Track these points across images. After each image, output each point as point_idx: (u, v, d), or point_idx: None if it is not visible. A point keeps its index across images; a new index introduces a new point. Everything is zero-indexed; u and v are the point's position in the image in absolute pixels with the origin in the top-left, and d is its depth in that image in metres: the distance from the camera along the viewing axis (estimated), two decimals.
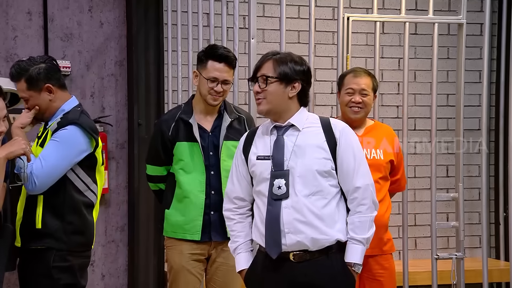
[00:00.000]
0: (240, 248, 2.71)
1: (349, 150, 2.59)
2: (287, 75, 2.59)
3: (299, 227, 2.53)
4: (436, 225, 3.98)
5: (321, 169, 2.56)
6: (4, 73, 4.39)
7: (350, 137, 2.63)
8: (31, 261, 2.75)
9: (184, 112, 3.24)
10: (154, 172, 3.32)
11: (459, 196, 3.99)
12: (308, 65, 2.67)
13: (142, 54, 4.49)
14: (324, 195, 2.56)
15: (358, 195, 2.58)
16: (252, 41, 3.73)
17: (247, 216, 2.71)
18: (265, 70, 2.62)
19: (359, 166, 2.60)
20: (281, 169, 2.56)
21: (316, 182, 2.55)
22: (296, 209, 2.54)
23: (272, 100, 2.59)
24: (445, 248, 4.97)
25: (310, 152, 2.57)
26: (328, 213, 2.55)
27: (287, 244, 2.54)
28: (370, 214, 2.59)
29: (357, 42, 4.81)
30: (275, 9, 4.78)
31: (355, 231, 2.57)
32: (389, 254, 3.44)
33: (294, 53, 2.71)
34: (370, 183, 2.62)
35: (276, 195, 2.55)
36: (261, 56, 2.68)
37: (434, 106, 3.99)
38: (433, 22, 4.00)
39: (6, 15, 4.40)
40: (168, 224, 3.25)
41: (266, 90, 2.59)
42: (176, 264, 3.24)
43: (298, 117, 2.62)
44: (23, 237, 2.77)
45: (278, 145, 2.60)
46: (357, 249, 2.57)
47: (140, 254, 4.47)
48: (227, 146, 3.21)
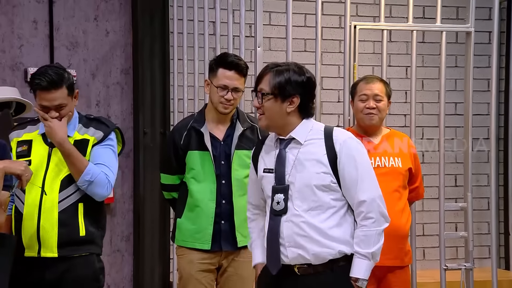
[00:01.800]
0: (255, 243, 2.74)
1: (350, 163, 2.53)
2: (283, 90, 2.52)
3: (299, 240, 2.53)
4: (444, 235, 3.98)
5: (320, 183, 2.53)
6: (10, 81, 4.44)
7: (352, 149, 2.56)
8: (75, 269, 2.84)
9: (196, 121, 3.26)
10: (167, 181, 3.35)
11: (468, 206, 3.99)
12: (309, 75, 2.58)
13: (148, 62, 4.52)
14: (324, 210, 2.54)
15: (364, 209, 2.52)
16: (258, 49, 3.75)
17: (261, 214, 2.74)
18: (263, 84, 2.56)
19: (363, 179, 2.53)
20: (282, 183, 2.56)
21: (315, 197, 2.53)
22: (295, 223, 2.54)
23: (270, 116, 2.57)
24: (453, 258, 4.97)
25: (309, 166, 2.54)
26: (329, 227, 2.53)
27: (289, 257, 2.55)
28: (376, 228, 2.52)
29: (364, 50, 4.83)
30: (282, 17, 4.81)
31: (360, 245, 2.53)
32: (407, 266, 3.44)
33: (300, 61, 2.68)
34: (377, 195, 2.54)
35: (275, 211, 2.56)
36: (263, 67, 2.65)
37: (442, 115, 4.00)
38: (441, 30, 4.01)
39: (12, 23, 4.46)
40: (180, 233, 3.28)
41: (264, 106, 2.57)
42: (186, 273, 3.26)
43: (300, 130, 2.57)
44: (63, 247, 2.83)
45: (280, 159, 2.59)
46: (362, 264, 2.53)
47: (146, 264, 4.49)
48: (239, 155, 3.23)
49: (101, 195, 2.90)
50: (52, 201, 2.83)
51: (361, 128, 3.42)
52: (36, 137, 2.91)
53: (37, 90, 2.82)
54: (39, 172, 2.84)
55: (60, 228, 2.83)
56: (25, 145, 2.89)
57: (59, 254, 2.83)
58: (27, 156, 2.86)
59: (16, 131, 2.95)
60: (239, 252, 3.25)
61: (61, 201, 2.84)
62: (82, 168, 2.83)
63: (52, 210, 2.82)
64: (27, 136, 2.92)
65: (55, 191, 2.83)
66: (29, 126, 2.96)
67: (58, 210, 2.83)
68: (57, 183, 2.84)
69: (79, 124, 2.94)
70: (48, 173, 2.85)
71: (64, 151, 2.82)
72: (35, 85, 2.81)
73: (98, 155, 2.90)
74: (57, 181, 2.84)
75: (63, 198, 2.84)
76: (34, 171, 2.80)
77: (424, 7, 5.01)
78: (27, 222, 2.84)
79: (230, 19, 3.97)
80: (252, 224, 2.78)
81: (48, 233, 2.82)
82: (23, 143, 2.90)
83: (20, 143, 2.90)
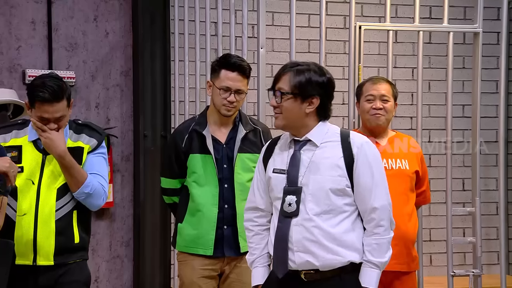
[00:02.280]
0: (257, 262, 2.68)
1: (366, 168, 2.52)
2: (304, 90, 2.51)
3: (308, 246, 2.50)
4: (452, 241, 3.95)
5: (335, 187, 2.51)
6: (7, 83, 4.41)
7: (368, 153, 2.54)
8: (70, 275, 2.87)
9: (198, 124, 3.23)
10: (168, 185, 3.32)
11: (476, 211, 3.95)
12: (329, 76, 2.57)
13: (148, 64, 4.49)
14: (336, 214, 2.51)
15: (376, 216, 2.51)
16: (261, 50, 3.72)
17: (265, 228, 2.68)
18: (282, 83, 2.55)
19: (377, 186, 2.52)
20: (295, 185, 2.53)
21: (329, 200, 2.51)
22: (306, 227, 2.50)
23: (288, 116, 2.54)
24: (461, 264, 4.93)
25: (324, 169, 2.52)
26: (340, 232, 2.50)
27: (296, 262, 2.51)
28: (387, 236, 2.52)
29: (369, 51, 4.80)
30: (285, 17, 4.77)
31: (373, 253, 2.51)
32: (414, 271, 3.40)
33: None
34: (388, 203, 2.54)
35: (286, 212, 2.52)
36: (282, 66, 2.62)
37: (449, 117, 3.96)
38: (448, 31, 3.98)
39: (9, 24, 4.42)
40: (181, 238, 3.25)
41: (282, 105, 2.55)
42: (188, 279, 3.22)
43: (316, 132, 2.55)
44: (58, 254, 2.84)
45: (294, 161, 2.55)
46: (373, 274, 2.50)
47: (146, 270, 4.46)
48: (242, 158, 3.20)
49: (97, 206, 2.91)
50: (50, 210, 2.81)
51: (367, 130, 3.38)
52: (26, 143, 2.87)
53: (38, 102, 2.78)
54: (33, 179, 2.81)
55: (57, 237, 2.82)
56: (15, 151, 2.84)
57: (55, 262, 2.82)
58: (18, 162, 2.81)
59: (1, 135, 2.88)
60: (242, 258, 3.20)
61: (58, 209, 2.83)
62: (82, 181, 2.83)
63: (50, 219, 2.81)
64: (15, 141, 2.87)
65: (52, 200, 2.82)
66: (15, 130, 2.90)
67: (55, 219, 2.82)
68: (54, 191, 2.83)
69: (70, 131, 2.91)
70: (43, 181, 2.82)
71: (65, 163, 2.81)
72: (37, 97, 2.77)
73: (92, 164, 2.89)
74: (53, 190, 2.83)
75: (60, 207, 2.83)
76: (27, 178, 2.79)
77: (430, 7, 4.98)
78: (21, 230, 2.80)
79: (232, 20, 3.94)
80: (254, 239, 2.69)
81: (45, 242, 2.81)
82: (11, 148, 2.84)
83: (8, 149, 2.83)
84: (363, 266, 2.52)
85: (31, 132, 2.87)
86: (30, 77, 4.40)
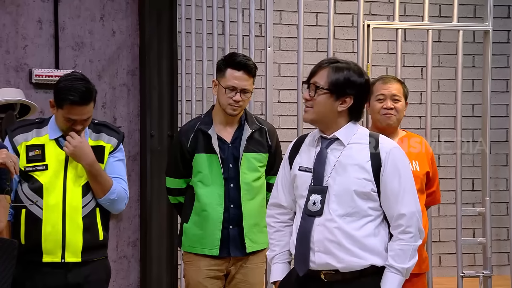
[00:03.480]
0: (277, 258, 2.66)
1: (394, 173, 2.49)
2: (340, 88, 2.48)
3: (330, 247, 2.48)
4: (461, 241, 3.93)
5: (360, 190, 2.48)
6: (14, 83, 4.43)
7: (397, 159, 2.51)
8: (97, 273, 2.94)
9: (203, 123, 3.23)
10: (173, 185, 3.32)
11: (486, 211, 3.94)
12: (367, 78, 2.54)
13: (155, 63, 4.51)
14: (360, 217, 2.49)
15: (404, 222, 2.47)
16: (268, 49, 3.72)
17: (287, 225, 2.67)
18: (318, 77, 2.52)
19: (405, 192, 2.49)
20: (320, 184, 2.51)
21: (353, 203, 2.48)
22: (328, 228, 2.48)
23: (319, 111, 2.52)
24: (471, 265, 4.93)
25: (351, 170, 2.48)
26: (363, 235, 2.48)
27: (316, 262, 2.50)
28: (414, 243, 2.48)
29: (378, 50, 4.80)
30: (292, 16, 4.78)
31: (395, 259, 2.47)
32: (424, 273, 3.40)
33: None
34: (416, 210, 2.50)
35: (310, 211, 2.51)
36: (319, 61, 2.59)
37: (459, 117, 3.95)
38: (458, 29, 3.97)
39: (16, 23, 4.45)
40: (186, 239, 3.25)
41: (315, 99, 2.52)
42: (193, 280, 3.23)
43: (345, 131, 2.53)
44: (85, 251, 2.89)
45: (321, 159, 2.53)
46: (395, 279, 2.48)
47: (153, 270, 4.47)
48: (248, 158, 3.19)
49: (120, 210, 2.99)
50: (77, 206, 2.86)
51: (377, 130, 3.36)
52: (48, 141, 2.91)
53: (66, 104, 2.80)
54: (58, 177, 2.86)
55: (84, 233, 2.87)
56: (38, 149, 2.88)
57: (82, 258, 2.88)
58: (42, 160, 2.86)
59: (21, 134, 2.91)
60: (248, 258, 3.21)
61: (84, 206, 2.89)
62: (108, 187, 2.89)
63: (77, 215, 2.86)
64: (37, 140, 2.90)
65: (78, 197, 2.87)
66: (35, 129, 2.93)
67: (82, 215, 2.87)
68: (79, 188, 2.88)
69: (89, 130, 2.95)
70: (68, 179, 2.87)
71: (93, 172, 2.87)
72: (67, 100, 2.79)
73: (113, 167, 2.95)
74: (78, 187, 2.88)
75: (86, 203, 2.89)
76: (52, 175, 2.84)
77: (440, 5, 4.98)
78: (50, 227, 2.84)
79: (240, 18, 3.95)
80: (275, 236, 2.68)
81: (73, 238, 2.85)
82: (34, 147, 2.89)
83: (31, 147, 2.88)
84: (385, 271, 2.49)
85: (51, 130, 2.91)
86: (36, 77, 4.43)
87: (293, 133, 4.80)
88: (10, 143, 2.88)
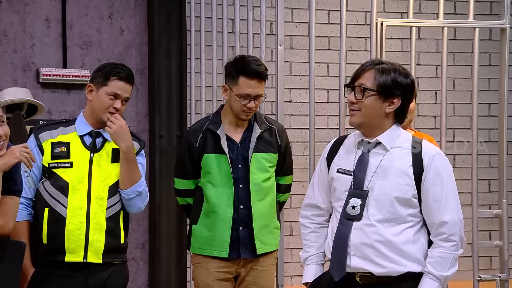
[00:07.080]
0: (311, 259, 2.68)
1: (436, 180, 2.49)
2: (388, 89, 2.50)
3: (367, 252, 2.49)
4: (478, 244, 3.93)
5: (401, 196, 2.48)
6: (21, 82, 4.46)
7: (440, 166, 2.51)
8: (118, 277, 2.97)
9: (212, 123, 3.24)
10: (182, 186, 3.34)
11: (502, 213, 3.93)
12: (412, 78, 2.57)
13: (164, 62, 4.52)
14: (399, 223, 2.49)
15: (446, 230, 2.48)
16: (279, 48, 3.73)
17: (322, 227, 2.69)
18: (364, 79, 2.52)
19: (448, 199, 2.49)
20: (360, 188, 2.52)
21: (393, 208, 2.49)
22: (366, 233, 2.49)
23: (367, 114, 2.52)
24: (487, 269, 4.91)
25: (392, 176, 2.49)
26: (401, 242, 2.48)
27: (352, 266, 2.51)
28: (455, 252, 2.49)
29: (391, 48, 4.79)
30: (304, 14, 4.78)
31: (434, 266, 2.47)
32: None
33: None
34: (459, 218, 2.51)
35: (349, 215, 2.52)
36: (361, 64, 2.62)
37: (475, 117, 3.94)
38: (474, 26, 3.96)
39: (23, 22, 4.48)
40: (195, 240, 3.26)
41: (362, 102, 2.51)
42: (202, 282, 3.24)
43: (388, 135, 2.53)
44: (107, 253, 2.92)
45: (362, 163, 2.54)
46: (432, 286, 2.48)
47: (162, 273, 4.49)
48: (257, 158, 3.20)
49: (140, 209, 3.04)
50: (101, 207, 2.90)
51: None
52: (74, 140, 2.95)
53: (114, 78, 2.91)
54: (83, 176, 2.90)
55: (106, 235, 2.91)
56: (63, 146, 2.94)
57: (103, 260, 2.91)
58: (67, 157, 2.91)
59: (47, 131, 2.97)
60: (258, 260, 3.22)
61: (108, 208, 2.92)
62: (137, 178, 2.95)
63: (101, 216, 2.90)
64: (63, 137, 2.95)
65: (104, 197, 2.90)
66: (61, 127, 2.99)
67: (106, 217, 2.91)
68: (106, 189, 2.92)
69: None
70: (93, 178, 2.91)
71: (130, 157, 2.92)
72: (117, 73, 2.91)
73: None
74: (105, 187, 2.92)
75: (111, 205, 2.93)
76: (77, 173, 2.88)
77: (455, 2, 4.97)
78: (73, 226, 2.88)
79: (250, 16, 3.95)
80: (310, 237, 2.70)
81: (96, 239, 2.89)
82: (59, 144, 2.94)
83: (56, 144, 2.94)
84: (423, 276, 2.49)
85: (79, 126, 2.97)
86: (44, 76, 4.46)
87: (304, 133, 4.80)
88: (36, 139, 2.93)
